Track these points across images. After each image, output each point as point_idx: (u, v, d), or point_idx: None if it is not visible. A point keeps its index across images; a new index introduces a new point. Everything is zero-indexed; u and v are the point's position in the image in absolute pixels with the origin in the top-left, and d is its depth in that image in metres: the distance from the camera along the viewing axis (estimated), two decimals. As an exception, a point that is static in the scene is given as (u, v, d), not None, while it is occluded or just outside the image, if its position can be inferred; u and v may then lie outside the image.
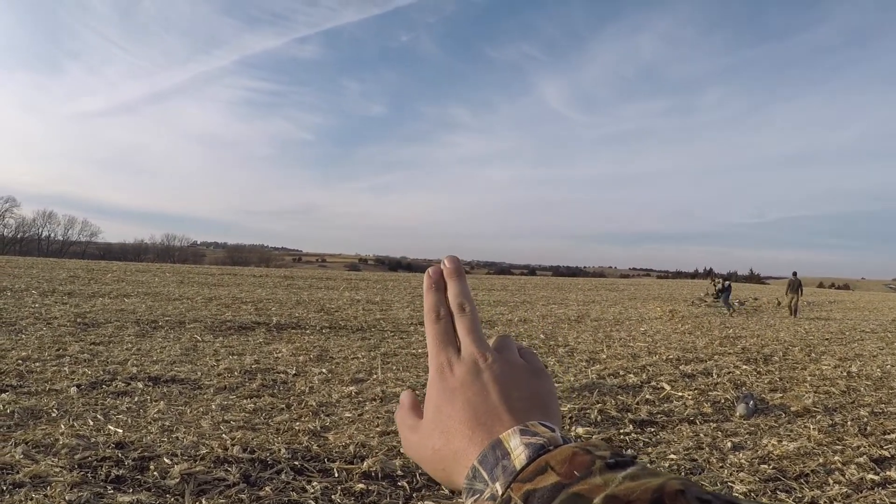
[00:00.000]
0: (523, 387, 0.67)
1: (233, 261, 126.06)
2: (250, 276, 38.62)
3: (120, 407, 7.36)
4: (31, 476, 4.96)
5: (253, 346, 12.40)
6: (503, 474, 0.56)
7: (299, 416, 7.45)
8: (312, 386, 9.12)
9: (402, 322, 18.05)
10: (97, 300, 18.51)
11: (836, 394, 10.03)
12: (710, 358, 13.44)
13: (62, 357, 9.80)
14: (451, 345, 0.70)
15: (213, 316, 16.47)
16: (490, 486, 0.56)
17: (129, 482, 5.10)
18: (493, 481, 0.56)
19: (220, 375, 9.37)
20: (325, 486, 5.28)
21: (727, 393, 9.83)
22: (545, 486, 0.51)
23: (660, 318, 23.51)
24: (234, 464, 5.60)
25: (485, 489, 0.56)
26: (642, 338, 17.03)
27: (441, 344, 0.70)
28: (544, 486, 0.51)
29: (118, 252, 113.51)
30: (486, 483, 0.57)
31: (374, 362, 11.14)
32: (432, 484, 5.59)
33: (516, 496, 0.52)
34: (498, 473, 0.56)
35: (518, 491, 0.53)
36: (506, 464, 0.56)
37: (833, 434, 7.74)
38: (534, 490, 0.52)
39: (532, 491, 0.52)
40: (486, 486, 0.56)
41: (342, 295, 27.23)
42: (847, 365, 12.93)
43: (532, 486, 0.52)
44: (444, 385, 0.67)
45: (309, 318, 17.53)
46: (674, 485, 0.46)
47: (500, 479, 0.56)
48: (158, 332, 13.21)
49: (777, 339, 17.60)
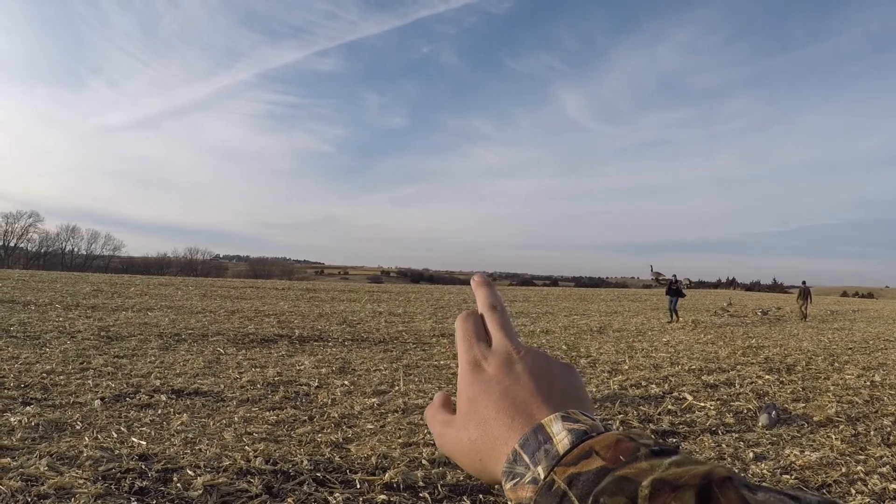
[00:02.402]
0: (558, 378, 0.67)
1: (255, 274, 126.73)
2: (273, 288, 38.78)
3: (143, 419, 7.40)
4: (56, 488, 4.99)
5: (275, 358, 12.43)
6: (545, 458, 0.56)
7: (321, 428, 7.46)
8: (335, 398, 9.12)
9: (424, 334, 18.06)
10: (120, 314, 18.66)
11: (860, 403, 9.88)
12: (732, 368, 13.31)
13: (86, 370, 9.87)
14: (482, 340, 0.71)
15: (236, 329, 16.55)
16: (531, 470, 0.56)
17: (153, 494, 5.12)
18: (534, 465, 0.56)
19: (242, 388, 9.40)
20: (347, 498, 5.27)
21: (749, 403, 9.72)
22: (590, 469, 0.51)
23: (682, 329, 23.33)
24: (256, 475, 5.60)
25: (525, 473, 0.56)
26: (664, 348, 16.91)
27: (472, 339, 0.71)
28: (589, 469, 0.51)
29: (141, 266, 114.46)
30: (526, 467, 0.57)
31: (397, 374, 11.13)
32: (454, 495, 5.56)
33: (560, 479, 0.53)
34: (540, 457, 0.56)
35: (562, 474, 0.53)
36: (548, 448, 0.56)
37: (856, 444, 7.63)
38: (578, 474, 0.52)
39: (576, 474, 0.52)
40: (526, 470, 0.56)
41: (364, 307, 27.28)
42: (871, 374, 12.74)
43: (576, 469, 0.52)
44: (479, 377, 0.67)
45: (331, 331, 17.57)
46: (721, 471, 0.47)
47: (542, 463, 0.56)
48: (181, 346, 13.28)
49: (800, 348, 17.39)
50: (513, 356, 0.68)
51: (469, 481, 5.85)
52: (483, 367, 0.68)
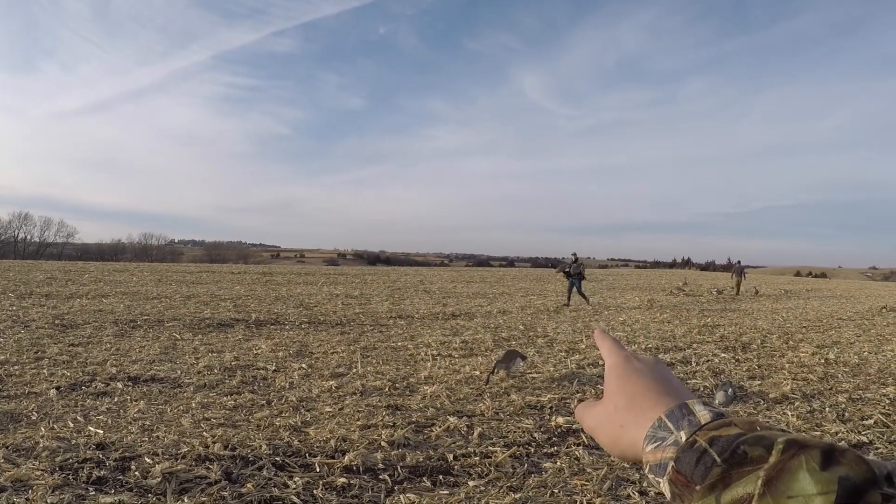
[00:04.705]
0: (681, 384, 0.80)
1: (211, 258, 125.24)
2: (228, 273, 38.44)
3: (100, 408, 7.36)
4: (13, 480, 4.97)
5: (232, 342, 12.40)
6: (688, 426, 0.67)
7: (280, 412, 7.48)
8: (292, 381, 9.14)
9: (381, 316, 18.10)
10: (75, 301, 18.42)
11: (814, 380, 10.09)
12: (688, 346, 13.54)
13: (41, 359, 9.77)
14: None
15: (192, 314, 16.43)
16: (675, 434, 0.67)
17: (111, 483, 5.11)
18: (678, 430, 0.68)
19: (199, 373, 9.38)
20: (307, 481, 5.32)
21: (706, 381, 9.93)
22: (729, 434, 0.62)
23: (638, 308, 23.61)
24: (215, 461, 5.62)
25: (668, 437, 0.68)
26: (621, 327, 17.13)
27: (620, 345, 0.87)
28: (728, 434, 0.62)
29: (95, 252, 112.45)
30: (670, 432, 0.68)
31: (354, 356, 11.17)
32: (414, 477, 5.63)
33: (702, 439, 0.63)
34: (684, 424, 0.68)
35: (704, 436, 0.64)
36: (691, 419, 0.68)
37: (812, 420, 7.79)
38: (719, 436, 0.63)
39: (717, 436, 0.63)
40: (669, 434, 0.68)
41: (321, 290, 27.20)
42: (825, 352, 13.02)
43: (717, 433, 0.63)
44: (631, 366, 0.81)
45: (288, 314, 17.54)
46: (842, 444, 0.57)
47: (685, 430, 0.67)
48: (137, 332, 13.18)
49: (755, 327, 17.70)
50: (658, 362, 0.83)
51: (429, 462, 5.93)
52: (635, 360, 0.82)
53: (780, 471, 0.56)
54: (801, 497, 0.53)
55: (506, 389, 8.92)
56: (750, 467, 0.58)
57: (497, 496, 5.19)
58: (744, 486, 0.57)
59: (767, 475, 0.56)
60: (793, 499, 0.53)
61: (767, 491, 0.55)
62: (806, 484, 0.53)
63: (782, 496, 0.54)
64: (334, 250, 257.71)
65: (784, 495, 0.54)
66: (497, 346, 12.95)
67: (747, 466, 0.58)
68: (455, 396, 8.43)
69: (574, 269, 23.99)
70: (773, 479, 0.55)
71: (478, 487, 5.40)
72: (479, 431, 6.84)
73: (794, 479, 0.54)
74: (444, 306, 21.54)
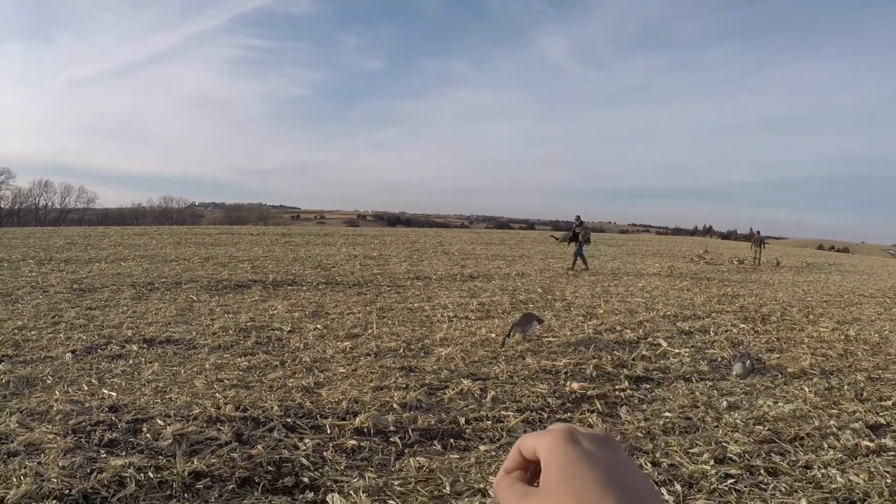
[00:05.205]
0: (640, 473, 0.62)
1: (231, 220, 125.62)
2: (248, 234, 38.50)
3: (114, 370, 7.40)
4: (26, 444, 5.00)
5: (249, 304, 12.44)
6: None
7: (293, 373, 7.50)
8: (307, 342, 9.16)
9: (398, 277, 18.10)
10: (94, 265, 18.50)
11: (834, 357, 9.92)
12: (707, 315, 13.40)
13: (58, 324, 9.82)
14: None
15: (210, 276, 16.48)
16: None
17: (122, 445, 5.14)
18: None
19: (214, 334, 9.42)
20: (317, 443, 5.32)
21: (724, 351, 9.80)
22: None
23: (658, 274, 23.43)
24: (226, 423, 5.64)
25: None
26: (640, 293, 16.98)
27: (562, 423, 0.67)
28: None
29: (116, 217, 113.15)
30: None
31: (370, 317, 11.17)
32: (425, 440, 5.62)
33: None
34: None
35: None
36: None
37: (829, 398, 7.64)
38: None
39: None
40: None
41: (339, 251, 27.20)
42: (845, 328, 12.78)
43: None
44: (578, 450, 0.61)
45: (305, 275, 17.57)
46: None
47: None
48: (154, 294, 13.24)
49: (775, 298, 17.47)
50: (610, 440, 0.64)
51: (440, 425, 5.92)
52: (579, 440, 0.63)
53: None
54: None
55: (521, 353, 8.88)
56: None
57: (508, 458, 5.15)
58: None
59: None
60: None
61: None
62: None
63: None
64: (354, 211, 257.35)
65: None
66: (514, 308, 12.91)
67: None
68: (470, 359, 8.41)
69: (583, 235, 23.59)
70: None
71: (489, 452, 5.38)
72: (493, 395, 6.82)
73: None
74: (463, 268, 21.52)
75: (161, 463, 4.77)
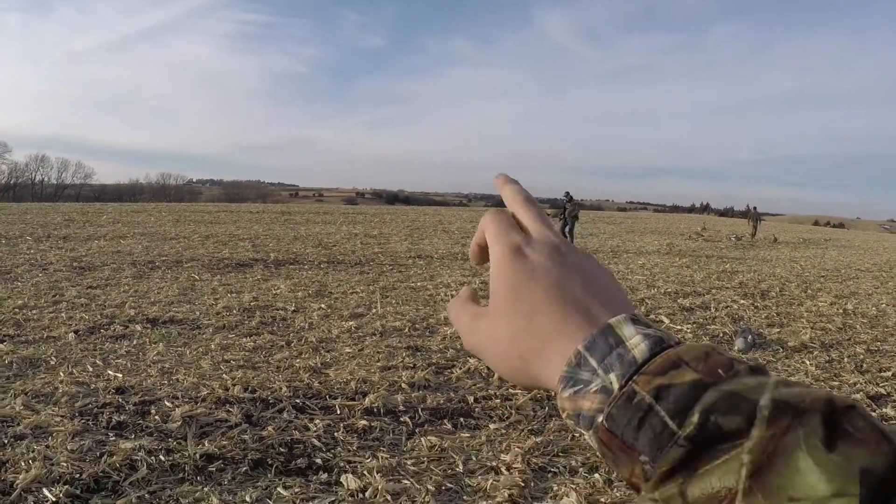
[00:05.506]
0: (609, 281, 0.58)
1: (229, 198, 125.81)
2: (247, 212, 38.45)
3: (119, 351, 7.33)
4: (33, 427, 4.94)
5: (251, 283, 12.38)
6: (620, 365, 0.47)
7: (299, 353, 7.45)
8: (312, 322, 9.10)
9: (400, 255, 18.06)
10: (93, 243, 18.43)
11: (833, 330, 10.04)
12: (707, 292, 13.44)
13: (59, 303, 9.75)
14: (518, 230, 0.62)
15: (211, 254, 16.43)
16: (601, 377, 0.47)
17: (131, 427, 5.08)
18: (605, 371, 0.47)
19: (218, 314, 9.35)
20: (328, 424, 5.28)
21: (725, 327, 9.87)
22: (682, 382, 0.44)
23: (657, 252, 23.44)
24: (235, 404, 5.58)
25: (592, 380, 0.48)
26: (640, 271, 17.06)
27: (508, 226, 0.62)
28: (681, 382, 0.44)
29: (113, 193, 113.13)
30: (593, 373, 0.48)
31: (373, 296, 11.12)
32: (434, 419, 5.59)
33: (644, 390, 0.44)
34: (612, 363, 0.48)
35: (646, 385, 0.45)
36: (622, 353, 0.48)
37: (830, 370, 7.79)
38: (668, 385, 0.44)
39: (666, 386, 0.44)
40: (593, 377, 0.48)
41: (340, 229, 27.17)
42: (843, 302, 12.95)
43: (665, 380, 0.44)
44: (523, 265, 0.57)
45: (307, 254, 17.52)
46: (842, 399, 0.41)
47: (615, 371, 0.47)
48: (156, 273, 13.17)
49: (773, 274, 17.62)
50: (561, 247, 0.59)
51: (450, 405, 5.89)
52: (527, 254, 0.58)
53: (772, 455, 0.38)
54: (807, 501, 0.36)
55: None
56: (726, 446, 0.40)
57: (518, 439, 5.14)
58: (720, 475, 0.40)
59: (754, 461, 0.39)
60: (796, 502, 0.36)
61: (756, 486, 0.38)
62: (813, 479, 0.37)
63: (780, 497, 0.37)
64: (353, 189, 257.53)
65: (783, 496, 0.37)
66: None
67: (722, 445, 0.40)
68: (475, 337, 8.37)
69: (570, 212, 23.21)
70: (763, 467, 0.38)
71: (499, 430, 5.36)
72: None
73: (794, 470, 0.37)
74: (464, 247, 21.40)
75: (171, 445, 4.72)
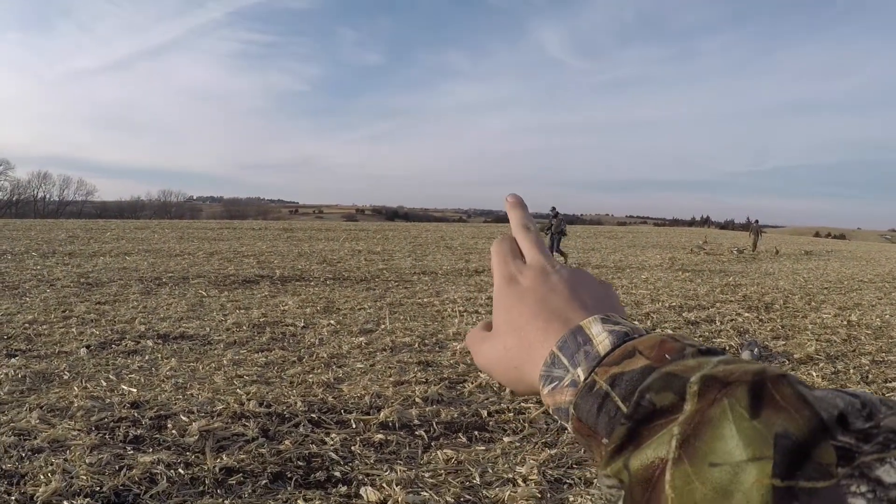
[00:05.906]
0: (593, 288, 0.65)
1: (230, 215, 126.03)
2: (249, 229, 38.52)
3: (132, 366, 7.35)
4: (50, 441, 4.96)
5: (259, 299, 12.39)
6: (585, 359, 0.53)
7: (312, 369, 7.46)
8: (322, 338, 9.12)
9: (405, 272, 18.07)
10: (98, 259, 18.47)
11: (838, 342, 10.06)
12: (711, 305, 13.46)
13: (69, 318, 9.77)
14: (517, 257, 0.71)
15: (217, 271, 16.46)
16: (571, 372, 0.53)
17: (148, 441, 5.10)
18: (573, 367, 0.53)
19: (228, 330, 9.37)
20: (344, 438, 5.29)
21: (731, 340, 9.89)
22: (634, 369, 0.49)
23: (660, 266, 23.42)
24: (251, 418, 5.61)
25: (564, 376, 0.54)
26: (644, 285, 17.04)
27: (507, 256, 0.71)
28: (633, 369, 0.49)
29: (115, 210, 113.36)
30: (565, 369, 0.54)
31: (382, 312, 11.14)
32: (449, 433, 5.61)
33: (601, 379, 0.50)
34: (579, 359, 0.53)
35: (604, 374, 0.50)
36: (588, 349, 0.54)
37: (836, 381, 7.81)
38: (621, 373, 0.49)
39: (619, 374, 0.49)
40: (565, 373, 0.54)
41: (343, 246, 27.21)
42: (847, 314, 12.97)
43: (619, 369, 0.50)
44: (514, 289, 0.66)
45: (312, 270, 17.55)
46: (774, 370, 0.43)
47: (581, 365, 0.53)
48: (163, 289, 13.19)
49: (777, 287, 17.60)
50: (547, 269, 0.67)
51: (464, 418, 5.90)
52: (518, 280, 0.67)
53: (699, 424, 0.42)
54: (727, 466, 0.39)
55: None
56: (661, 421, 0.44)
57: (533, 452, 5.17)
58: (655, 447, 0.43)
59: (683, 432, 0.42)
60: (717, 467, 0.40)
61: (684, 454, 0.41)
62: (732, 444, 0.40)
63: (702, 463, 0.40)
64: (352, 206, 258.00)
65: (705, 461, 0.40)
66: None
67: (658, 420, 0.45)
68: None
69: (556, 228, 23.03)
70: (691, 437, 0.42)
71: (513, 443, 5.39)
72: (512, 388, 6.82)
73: (717, 437, 0.41)
74: (467, 262, 21.49)
75: (190, 459, 4.74)
